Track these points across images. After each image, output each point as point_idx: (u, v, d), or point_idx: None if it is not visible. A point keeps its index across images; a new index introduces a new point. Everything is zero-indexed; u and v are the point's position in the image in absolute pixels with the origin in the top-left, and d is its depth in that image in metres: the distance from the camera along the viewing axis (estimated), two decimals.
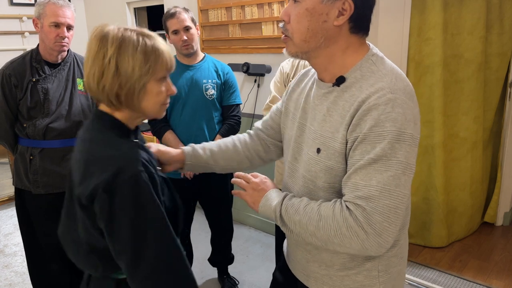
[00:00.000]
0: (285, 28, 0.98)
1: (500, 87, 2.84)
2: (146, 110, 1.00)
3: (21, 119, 1.94)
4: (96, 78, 0.94)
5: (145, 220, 0.90)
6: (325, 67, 0.99)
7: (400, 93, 0.89)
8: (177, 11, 2.09)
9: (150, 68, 0.95)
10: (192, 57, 2.18)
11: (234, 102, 2.25)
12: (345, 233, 0.88)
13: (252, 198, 1.07)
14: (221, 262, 2.54)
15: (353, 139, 0.90)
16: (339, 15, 0.91)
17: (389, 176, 0.86)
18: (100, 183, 0.89)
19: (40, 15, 1.87)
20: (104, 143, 0.96)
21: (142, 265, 0.90)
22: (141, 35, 0.96)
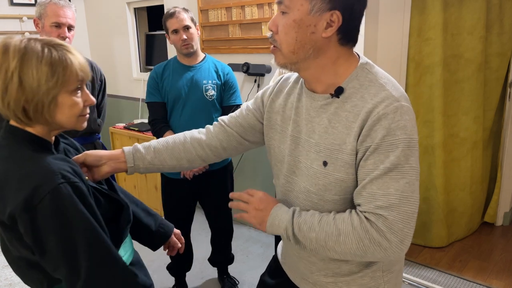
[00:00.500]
0: (273, 38, 0.97)
1: (500, 87, 2.85)
2: (61, 124, 0.95)
3: None
4: (0, 95, 0.89)
5: (73, 232, 0.87)
6: (317, 77, 0.98)
7: (402, 99, 0.90)
8: (177, 11, 2.09)
9: (58, 80, 0.89)
10: (192, 57, 2.18)
11: (234, 103, 2.25)
12: (368, 245, 0.88)
13: (257, 219, 1.02)
14: (221, 262, 2.54)
15: (364, 149, 0.90)
16: (327, 26, 0.91)
17: (405, 183, 0.86)
18: (19, 203, 0.85)
19: (41, 15, 1.87)
20: (19, 160, 0.91)
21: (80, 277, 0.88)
22: (47, 45, 0.90)
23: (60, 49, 0.91)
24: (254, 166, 3.15)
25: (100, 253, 0.91)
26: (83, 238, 0.88)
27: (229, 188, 2.38)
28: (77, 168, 0.97)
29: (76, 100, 0.94)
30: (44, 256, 0.88)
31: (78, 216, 0.88)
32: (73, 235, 0.87)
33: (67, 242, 0.87)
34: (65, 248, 0.87)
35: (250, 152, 3.11)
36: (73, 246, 0.87)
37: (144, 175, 3.52)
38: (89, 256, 0.88)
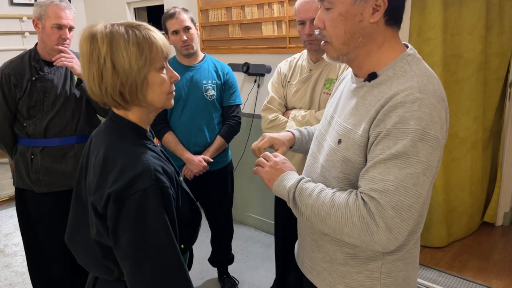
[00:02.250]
0: (322, 34, 0.99)
1: (500, 87, 2.84)
2: (153, 102, 0.98)
3: (20, 119, 1.95)
4: (96, 82, 0.92)
5: (147, 237, 0.89)
6: (361, 64, 1.00)
7: (429, 94, 0.89)
8: (177, 12, 2.08)
9: (146, 58, 0.92)
10: (192, 57, 2.18)
11: (234, 103, 2.25)
12: (356, 223, 0.88)
13: (268, 175, 1.08)
14: (221, 262, 2.54)
15: (376, 134, 0.90)
16: (373, 12, 0.92)
17: (408, 173, 0.85)
18: (111, 192, 0.89)
19: (41, 16, 1.86)
20: (120, 152, 0.94)
21: (141, 277, 0.90)
22: (130, 27, 0.93)
23: (143, 29, 0.94)
24: None
25: (168, 263, 0.92)
26: (155, 244, 0.90)
27: (229, 188, 2.38)
28: (169, 169, 1.00)
29: (163, 77, 0.97)
30: (116, 245, 0.92)
31: (157, 222, 0.90)
32: (148, 237, 0.90)
33: (139, 242, 0.90)
34: (135, 248, 0.90)
35: (250, 152, 3.11)
36: (143, 249, 0.90)
37: None
38: (156, 262, 0.90)
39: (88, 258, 1.04)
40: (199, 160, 2.14)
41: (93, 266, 1.04)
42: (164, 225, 0.91)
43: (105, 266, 1.01)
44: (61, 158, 1.97)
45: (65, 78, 1.99)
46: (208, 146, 2.21)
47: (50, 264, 2.07)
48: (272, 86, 2.01)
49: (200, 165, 2.13)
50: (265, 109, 1.98)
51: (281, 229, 2.17)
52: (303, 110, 1.87)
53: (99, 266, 1.02)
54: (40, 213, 2.02)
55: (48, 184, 1.97)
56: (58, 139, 1.96)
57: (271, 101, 1.97)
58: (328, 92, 1.84)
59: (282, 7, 2.65)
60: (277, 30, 2.73)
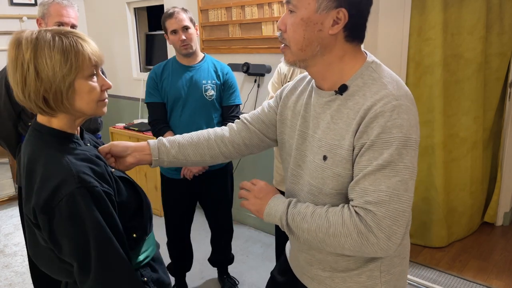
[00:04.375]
0: (282, 37, 1.00)
1: (500, 87, 2.84)
2: (82, 110, 0.97)
3: (25, 118, 1.95)
4: (20, 87, 0.91)
5: (85, 237, 0.89)
6: (323, 75, 1.00)
7: (404, 99, 0.91)
8: (176, 11, 2.08)
9: (72, 66, 0.91)
10: (191, 57, 2.18)
11: (234, 103, 2.25)
12: (356, 239, 0.89)
13: (255, 206, 1.06)
14: (221, 262, 2.54)
15: (360, 145, 0.91)
16: (334, 24, 0.93)
17: (398, 181, 0.87)
18: (37, 204, 0.89)
19: (44, 15, 1.87)
20: (43, 161, 0.93)
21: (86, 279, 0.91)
22: (57, 34, 0.92)
23: (71, 36, 0.93)
24: (254, 166, 3.15)
25: (110, 260, 0.92)
26: (94, 242, 0.90)
27: (229, 188, 2.38)
28: (99, 167, 0.98)
29: (92, 85, 0.96)
30: (61, 253, 0.92)
31: (91, 222, 0.90)
32: (85, 240, 0.90)
33: (79, 244, 0.90)
34: (77, 250, 0.90)
35: None
36: (85, 249, 0.90)
37: (144, 175, 3.52)
38: (99, 260, 0.90)
39: (49, 266, 1.04)
40: None
41: (56, 272, 1.04)
42: (99, 225, 0.90)
43: (65, 270, 1.00)
44: None
45: None
46: None
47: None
48: (272, 86, 2.01)
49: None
50: None
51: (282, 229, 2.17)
52: None
53: (60, 271, 1.02)
54: None
55: None
56: None
57: None
58: None
59: (282, 7, 2.65)
60: (276, 30, 2.73)
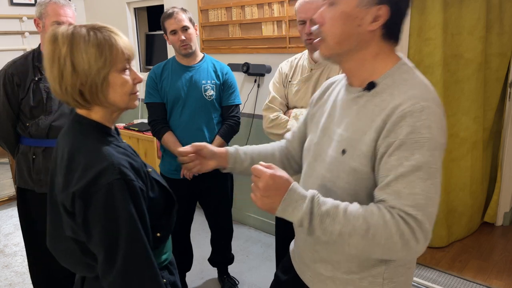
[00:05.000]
0: (318, 30, 0.99)
1: (500, 87, 2.84)
2: (116, 103, 1.00)
3: (23, 119, 1.95)
4: (57, 81, 0.95)
5: (117, 228, 0.91)
6: (355, 71, 1.00)
7: (431, 102, 0.90)
8: (175, 11, 2.08)
9: (106, 60, 0.94)
10: (191, 57, 2.18)
11: (233, 103, 2.25)
12: (396, 241, 0.85)
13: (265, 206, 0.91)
14: (221, 262, 2.54)
15: (388, 144, 0.89)
16: (373, 20, 0.93)
17: (431, 184, 0.86)
18: (76, 190, 0.91)
19: (41, 15, 1.87)
20: (84, 150, 0.96)
21: (112, 270, 0.92)
22: (91, 29, 0.95)
23: (104, 31, 0.96)
24: None
25: (137, 254, 0.94)
26: (125, 235, 0.92)
27: (229, 188, 2.38)
28: (136, 162, 1.01)
29: (125, 78, 0.99)
30: (90, 241, 0.94)
31: (125, 214, 0.92)
32: (117, 231, 0.91)
33: (109, 235, 0.91)
34: (106, 240, 0.92)
35: None
36: (114, 240, 0.92)
37: None
38: (126, 253, 0.92)
39: (69, 259, 1.06)
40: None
41: (75, 266, 1.06)
42: (131, 217, 0.92)
43: (86, 264, 1.02)
44: None
45: None
46: None
47: (50, 264, 2.06)
48: (273, 86, 2.01)
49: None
50: (267, 109, 1.98)
51: (282, 229, 2.17)
52: (305, 109, 1.87)
53: (80, 265, 1.04)
54: (40, 213, 2.01)
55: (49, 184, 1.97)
56: None
57: (272, 100, 1.97)
58: None
59: (282, 7, 2.65)
60: (277, 30, 2.73)
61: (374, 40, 0.96)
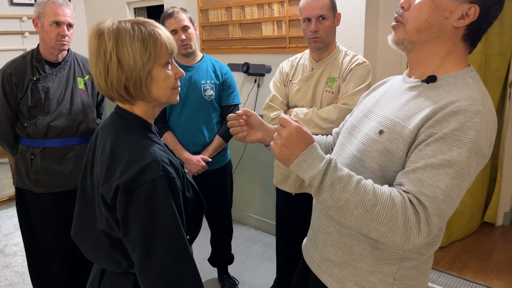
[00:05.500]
0: (401, 14, 0.98)
1: (500, 87, 2.85)
2: (158, 97, 1.01)
3: (21, 119, 1.95)
4: (103, 76, 0.95)
5: (156, 225, 0.91)
6: (422, 63, 0.99)
7: (489, 112, 0.89)
8: (175, 11, 2.08)
9: (151, 54, 0.95)
10: (190, 57, 2.18)
11: (232, 102, 2.26)
12: (399, 225, 0.84)
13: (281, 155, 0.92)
14: (221, 262, 2.54)
15: (429, 134, 0.88)
16: (461, 17, 0.92)
17: (457, 184, 0.84)
18: (120, 184, 0.91)
19: (40, 15, 1.87)
20: (128, 144, 0.97)
21: (150, 267, 0.92)
22: (136, 24, 0.96)
23: (148, 25, 0.97)
24: (254, 166, 3.15)
25: (177, 251, 0.94)
26: (164, 231, 0.92)
27: (228, 188, 2.38)
28: (175, 161, 1.02)
29: (168, 72, 1.00)
30: (127, 236, 0.94)
31: (166, 210, 0.92)
32: (157, 226, 0.92)
33: (149, 230, 0.91)
34: (145, 235, 0.91)
35: (250, 152, 3.11)
36: (153, 236, 0.92)
37: None
38: (165, 250, 0.92)
39: (96, 251, 1.06)
40: (197, 160, 2.14)
41: (102, 259, 1.06)
42: (173, 214, 0.93)
43: (113, 258, 1.02)
44: (60, 159, 1.97)
45: (67, 79, 1.99)
46: (207, 146, 2.21)
47: (50, 264, 2.07)
48: (274, 85, 2.01)
49: (199, 165, 2.14)
50: (267, 108, 1.98)
51: (282, 229, 2.17)
52: (306, 108, 1.87)
53: (107, 258, 1.04)
54: (39, 213, 2.02)
55: (46, 184, 1.96)
56: (59, 140, 1.96)
57: (273, 99, 1.97)
58: (330, 91, 1.84)
59: (282, 7, 2.65)
60: (277, 30, 2.73)
61: (453, 38, 0.94)
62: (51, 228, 2.01)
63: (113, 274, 1.06)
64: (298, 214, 2.04)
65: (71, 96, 1.98)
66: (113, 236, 0.99)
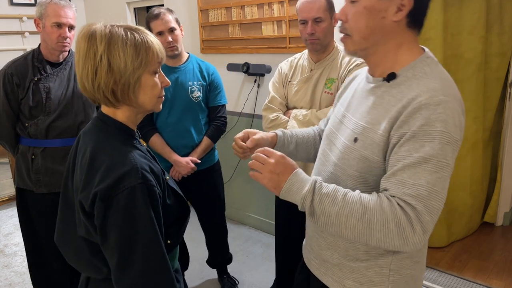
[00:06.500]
0: (343, 27, 1.00)
1: (500, 87, 2.84)
2: (144, 104, 1.01)
3: (22, 119, 1.95)
4: (90, 78, 0.95)
5: (134, 233, 0.91)
6: (378, 63, 1.01)
7: (451, 97, 0.90)
8: (162, 12, 2.05)
9: (142, 61, 0.95)
10: (176, 58, 2.16)
11: (219, 103, 2.26)
12: (392, 229, 0.86)
13: (271, 182, 0.97)
14: (220, 262, 2.54)
15: (400, 135, 0.90)
16: (397, 10, 0.93)
17: (438, 177, 0.86)
18: (98, 191, 0.91)
19: (41, 15, 1.87)
20: (108, 150, 0.96)
21: (127, 275, 0.91)
22: (128, 29, 0.96)
23: (140, 32, 0.97)
24: None
25: (154, 259, 0.93)
26: (143, 239, 0.91)
27: (219, 187, 2.37)
28: (156, 167, 1.01)
29: (156, 80, 1.01)
30: (105, 243, 0.93)
31: (144, 218, 0.92)
32: (135, 235, 0.91)
33: (127, 238, 0.91)
34: (123, 243, 0.91)
35: None
36: (131, 244, 0.91)
37: None
38: (142, 259, 0.91)
39: (77, 258, 1.06)
40: (186, 162, 2.14)
41: (83, 266, 1.05)
42: (151, 222, 0.92)
43: (93, 265, 1.01)
44: (61, 159, 1.97)
45: (69, 79, 1.99)
46: (195, 147, 2.21)
47: (50, 264, 2.07)
48: (273, 86, 2.01)
49: (188, 166, 2.13)
50: (266, 109, 1.98)
51: (282, 229, 2.17)
52: (304, 110, 1.87)
53: (88, 265, 1.03)
54: (40, 213, 2.02)
55: (47, 184, 1.97)
56: (59, 140, 1.96)
57: (272, 100, 1.97)
58: (329, 92, 1.84)
59: (282, 7, 2.65)
60: (277, 30, 2.73)
61: (399, 31, 0.96)
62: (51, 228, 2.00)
63: (97, 280, 1.05)
64: (298, 213, 2.03)
65: (72, 96, 1.98)
66: (93, 243, 0.99)
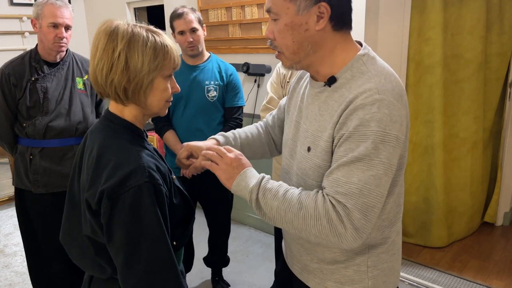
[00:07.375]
0: (273, 45, 1.01)
1: (500, 87, 2.84)
2: (152, 106, 1.01)
3: (20, 119, 1.95)
4: (104, 72, 0.95)
5: (140, 231, 0.91)
6: (318, 69, 1.01)
7: (388, 94, 0.91)
8: (185, 12, 2.07)
9: (158, 64, 0.96)
10: (197, 57, 2.17)
11: (236, 104, 2.23)
12: (325, 225, 0.90)
13: (226, 174, 1.04)
14: (216, 262, 2.53)
15: (339, 137, 0.92)
16: (318, 19, 0.93)
17: (370, 175, 0.88)
18: (105, 189, 0.91)
19: (38, 16, 1.87)
20: (115, 149, 0.96)
21: (133, 272, 0.91)
22: (150, 31, 0.98)
23: (160, 36, 0.99)
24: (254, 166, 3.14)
25: (160, 257, 0.93)
26: (149, 238, 0.92)
27: None
28: (163, 167, 1.02)
29: (167, 85, 1.02)
30: (110, 242, 0.93)
31: (151, 217, 0.92)
32: (141, 233, 0.91)
33: (133, 237, 0.91)
34: (129, 242, 0.91)
35: None
36: (137, 242, 0.91)
37: None
38: (149, 257, 0.91)
39: (82, 257, 1.06)
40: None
41: (87, 265, 1.06)
42: (158, 221, 0.93)
43: (98, 264, 1.02)
44: (60, 159, 1.97)
45: (66, 79, 1.99)
46: None
47: (50, 264, 2.07)
48: (271, 86, 2.01)
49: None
50: (264, 109, 1.98)
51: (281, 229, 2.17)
52: None
53: (92, 264, 1.03)
54: (39, 213, 2.02)
55: (46, 185, 1.96)
56: (58, 140, 1.96)
57: (270, 101, 1.97)
58: None
59: None
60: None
61: (327, 36, 0.96)
62: (50, 228, 2.00)
63: (100, 280, 1.05)
64: None
65: (70, 96, 1.98)
66: (98, 242, 0.99)
